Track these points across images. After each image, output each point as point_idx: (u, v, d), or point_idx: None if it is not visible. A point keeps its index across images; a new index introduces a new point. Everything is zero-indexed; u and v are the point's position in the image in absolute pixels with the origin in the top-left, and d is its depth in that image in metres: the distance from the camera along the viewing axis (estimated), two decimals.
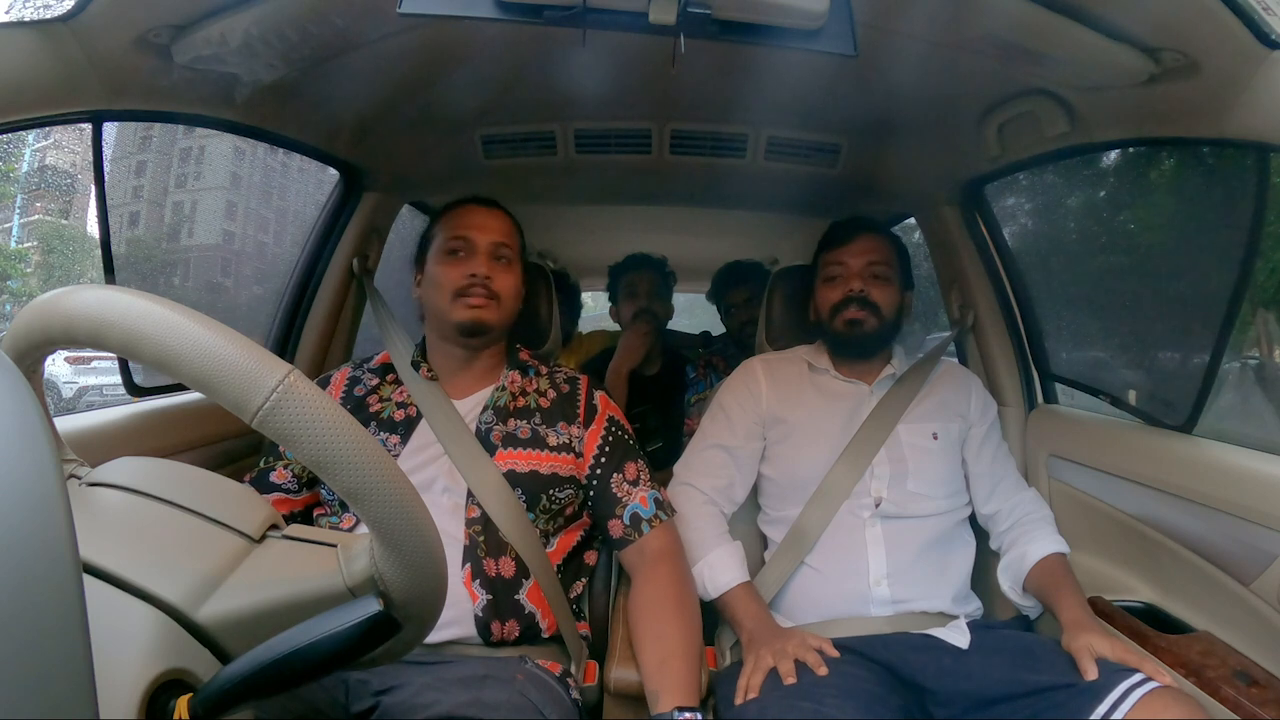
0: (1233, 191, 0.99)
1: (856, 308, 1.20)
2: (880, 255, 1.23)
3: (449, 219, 1.11)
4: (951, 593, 1.13)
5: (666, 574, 1.01)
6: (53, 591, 0.28)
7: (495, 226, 1.10)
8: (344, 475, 0.42)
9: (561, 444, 1.07)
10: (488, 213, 1.11)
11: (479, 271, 1.05)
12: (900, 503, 1.15)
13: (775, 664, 0.94)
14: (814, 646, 0.97)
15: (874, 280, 1.21)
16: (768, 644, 0.98)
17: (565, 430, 1.08)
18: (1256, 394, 1.63)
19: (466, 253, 1.07)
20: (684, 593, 1.01)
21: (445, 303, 1.05)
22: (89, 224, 4.81)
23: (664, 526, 1.06)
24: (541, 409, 1.09)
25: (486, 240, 1.08)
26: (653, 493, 1.08)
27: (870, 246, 1.23)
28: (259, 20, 0.91)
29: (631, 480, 1.07)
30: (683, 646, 0.93)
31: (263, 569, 0.49)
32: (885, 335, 1.23)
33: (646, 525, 1.05)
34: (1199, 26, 0.81)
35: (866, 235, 1.24)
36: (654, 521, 1.05)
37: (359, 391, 1.10)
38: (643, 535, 1.04)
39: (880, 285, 1.21)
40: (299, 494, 1.05)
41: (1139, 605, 1.09)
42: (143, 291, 0.43)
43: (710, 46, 0.83)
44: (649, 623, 0.97)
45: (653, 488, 1.09)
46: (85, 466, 0.55)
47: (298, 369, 0.42)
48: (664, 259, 2.20)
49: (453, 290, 1.05)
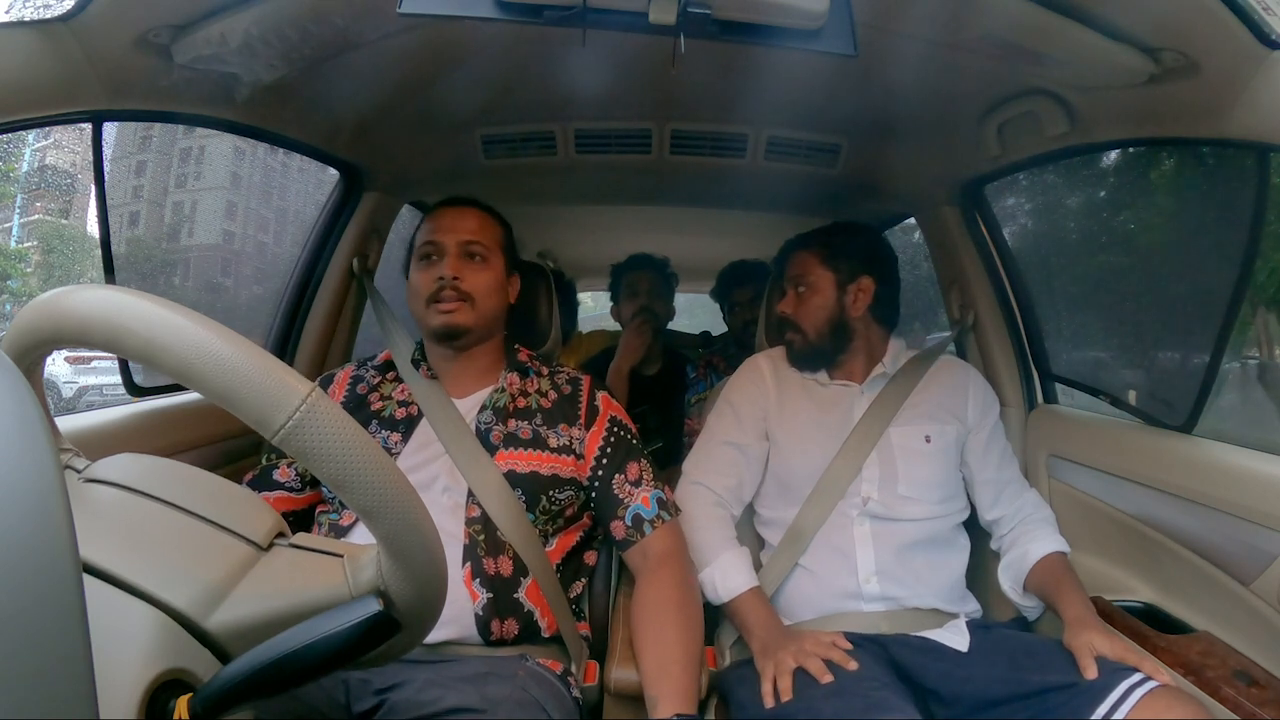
0: (1233, 191, 0.99)
1: (785, 329, 1.27)
2: (799, 269, 1.25)
3: (424, 224, 1.11)
4: (944, 589, 1.13)
5: (669, 577, 1.00)
6: (53, 591, 0.28)
7: (464, 226, 1.08)
8: (361, 494, 0.43)
9: (562, 445, 1.06)
10: (458, 212, 1.10)
11: (445, 274, 1.04)
12: (889, 504, 1.14)
13: (798, 665, 0.94)
14: (829, 643, 0.97)
15: (796, 299, 1.25)
16: (784, 647, 0.98)
17: (566, 432, 1.08)
18: (1257, 394, 1.63)
19: (437, 256, 1.07)
20: (686, 597, 1.00)
21: (421, 309, 1.07)
22: (89, 224, 4.81)
23: (667, 527, 1.05)
24: (543, 409, 1.09)
25: (454, 240, 1.07)
26: (655, 492, 1.07)
27: (792, 265, 1.27)
28: (259, 20, 0.91)
29: (634, 481, 1.07)
30: (683, 651, 0.92)
31: (270, 578, 0.49)
32: (818, 347, 1.23)
33: (649, 526, 1.04)
34: (1199, 26, 0.81)
35: (792, 255, 1.28)
36: (656, 522, 1.05)
37: (361, 390, 1.10)
38: (645, 536, 1.04)
39: (802, 301, 1.24)
40: (302, 492, 1.06)
41: (1139, 605, 1.09)
42: (158, 296, 0.43)
43: (710, 46, 0.83)
44: (650, 626, 0.96)
45: (656, 487, 1.08)
46: (81, 458, 0.55)
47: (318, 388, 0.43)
48: (666, 260, 2.20)
49: (426, 296, 1.05)
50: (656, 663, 0.91)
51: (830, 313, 1.22)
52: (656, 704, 0.86)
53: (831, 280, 1.23)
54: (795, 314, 1.25)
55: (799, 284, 1.25)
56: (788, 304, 1.26)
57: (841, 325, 1.23)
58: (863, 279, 1.22)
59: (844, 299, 1.22)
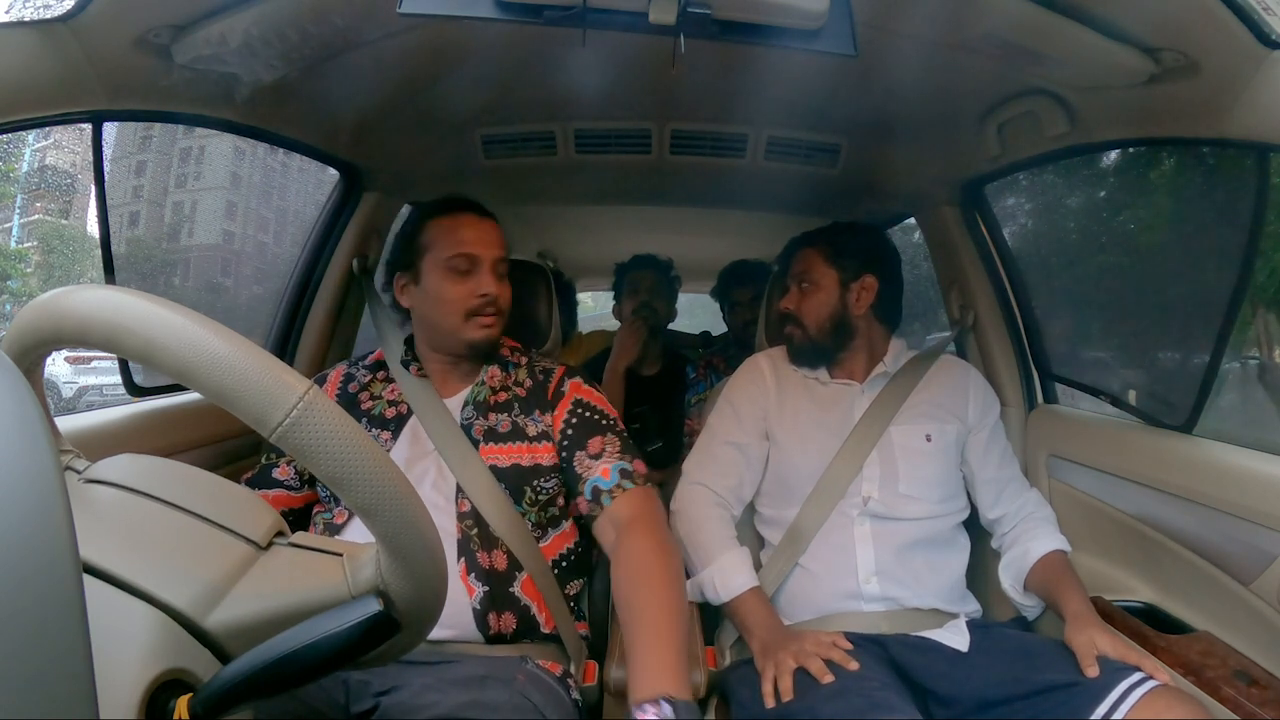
0: (1233, 192, 0.99)
1: (785, 324, 1.29)
2: (803, 265, 1.27)
3: (448, 229, 1.07)
4: (944, 590, 1.13)
5: (641, 542, 0.91)
6: (53, 591, 0.28)
7: (496, 240, 1.09)
8: (359, 492, 0.43)
9: (540, 433, 1.06)
10: (489, 226, 1.10)
11: (490, 291, 1.05)
12: (889, 503, 1.14)
13: (799, 665, 0.94)
14: (829, 643, 0.97)
15: (799, 294, 1.26)
16: (784, 647, 0.97)
17: (541, 418, 1.08)
18: (1257, 394, 1.63)
19: (474, 270, 1.06)
20: (665, 563, 0.88)
21: (456, 321, 1.05)
22: (89, 224, 4.81)
23: (631, 494, 0.99)
24: (519, 399, 1.09)
25: (492, 256, 1.07)
26: (619, 464, 1.01)
27: (796, 262, 1.28)
28: (259, 20, 0.91)
29: (594, 454, 1.03)
30: (663, 623, 0.79)
31: (269, 577, 0.49)
32: (819, 343, 1.24)
33: (608, 497, 0.99)
34: (1199, 26, 0.81)
35: (796, 252, 1.29)
36: (615, 491, 0.99)
37: (352, 388, 1.11)
38: (605, 507, 0.99)
39: (805, 297, 1.25)
40: (300, 491, 1.07)
41: (1139, 605, 1.09)
42: (157, 296, 0.43)
43: (710, 46, 0.83)
44: (626, 600, 0.85)
45: (620, 459, 1.02)
46: (82, 459, 0.55)
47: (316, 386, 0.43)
48: (671, 262, 2.20)
49: (465, 310, 1.05)
50: (631, 638, 0.79)
51: (832, 310, 1.23)
52: (635, 684, 0.73)
53: (835, 278, 1.23)
54: (798, 309, 1.25)
55: (802, 280, 1.26)
56: (790, 300, 1.27)
57: (843, 323, 1.23)
58: (866, 277, 1.23)
59: (847, 297, 1.23)
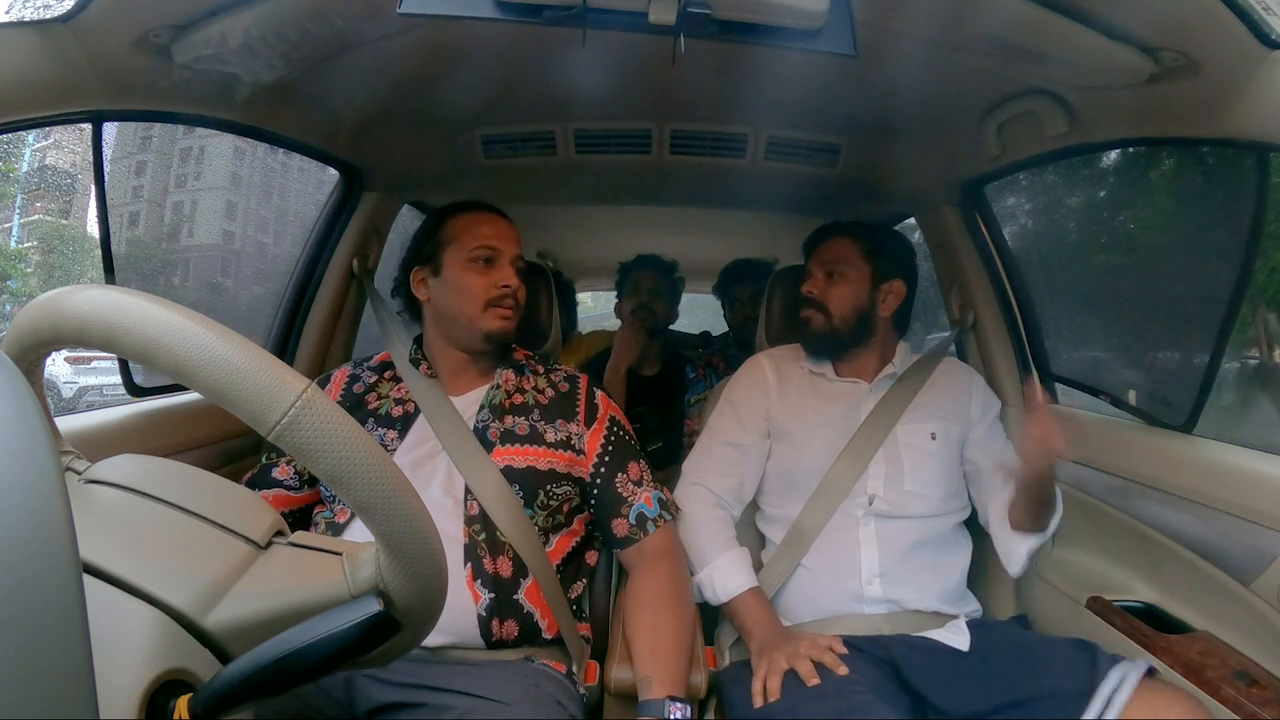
0: (1233, 191, 0.99)
1: (806, 308, 1.25)
2: (836, 254, 1.25)
3: (473, 224, 1.10)
4: (945, 592, 1.13)
5: (664, 570, 1.04)
6: (53, 591, 0.28)
7: (515, 239, 1.12)
8: (358, 490, 0.43)
9: (560, 440, 1.07)
10: (510, 226, 1.13)
11: (511, 283, 1.08)
12: (895, 502, 1.15)
13: (790, 666, 0.94)
14: (825, 646, 0.97)
15: (828, 281, 1.24)
16: (778, 648, 0.98)
17: (564, 427, 1.08)
18: (1257, 394, 1.63)
19: (496, 262, 1.08)
20: (681, 589, 1.04)
21: (475, 311, 1.06)
22: (89, 224, 4.81)
23: (667, 527, 1.09)
24: (540, 405, 1.10)
25: (512, 252, 1.10)
26: (656, 493, 1.10)
27: (828, 249, 1.26)
28: (259, 20, 0.91)
29: (635, 480, 1.09)
30: (676, 638, 0.96)
31: (269, 576, 0.49)
32: (839, 333, 1.23)
33: (652, 525, 1.07)
34: (1199, 26, 0.81)
35: (830, 240, 1.27)
36: (659, 521, 1.08)
37: (358, 389, 1.10)
38: (647, 535, 1.07)
39: (833, 285, 1.23)
40: (300, 491, 1.06)
41: (1139, 605, 1.08)
42: (156, 296, 0.43)
43: (710, 46, 0.83)
44: (644, 613, 0.99)
45: (656, 488, 1.11)
46: (82, 460, 0.55)
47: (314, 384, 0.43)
48: (674, 263, 2.19)
49: (485, 300, 1.06)
50: (649, 646, 0.95)
51: (860, 304, 1.23)
52: (649, 684, 0.89)
53: (869, 274, 1.23)
54: (823, 295, 1.24)
55: (833, 267, 1.24)
56: (815, 284, 1.25)
57: (867, 319, 1.23)
58: (896, 282, 1.24)
59: (875, 295, 1.23)
